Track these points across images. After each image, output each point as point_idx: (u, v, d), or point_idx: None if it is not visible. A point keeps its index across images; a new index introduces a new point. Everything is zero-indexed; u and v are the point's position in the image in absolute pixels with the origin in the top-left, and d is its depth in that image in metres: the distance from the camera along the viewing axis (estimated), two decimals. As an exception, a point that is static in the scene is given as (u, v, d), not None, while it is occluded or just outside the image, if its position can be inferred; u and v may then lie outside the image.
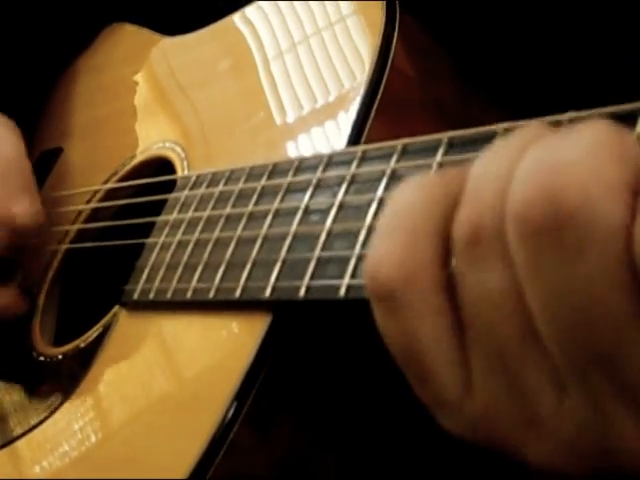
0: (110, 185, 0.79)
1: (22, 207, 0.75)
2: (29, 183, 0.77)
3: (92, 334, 0.68)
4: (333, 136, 0.60)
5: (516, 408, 0.35)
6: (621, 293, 0.31)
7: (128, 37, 0.95)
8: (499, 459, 0.40)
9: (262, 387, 0.52)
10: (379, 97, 0.58)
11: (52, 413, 0.67)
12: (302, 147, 0.62)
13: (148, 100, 0.84)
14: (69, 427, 0.65)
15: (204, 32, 0.80)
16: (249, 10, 0.75)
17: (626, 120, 0.38)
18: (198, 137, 0.73)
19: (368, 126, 0.57)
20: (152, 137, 0.79)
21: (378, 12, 0.61)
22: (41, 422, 0.67)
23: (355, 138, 0.57)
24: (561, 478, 0.37)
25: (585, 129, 0.32)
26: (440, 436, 0.53)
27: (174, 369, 0.59)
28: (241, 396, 0.52)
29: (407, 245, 0.36)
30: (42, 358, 0.73)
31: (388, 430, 0.55)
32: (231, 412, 0.52)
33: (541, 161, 0.32)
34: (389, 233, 0.36)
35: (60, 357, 0.71)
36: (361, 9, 0.64)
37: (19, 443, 0.68)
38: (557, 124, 0.41)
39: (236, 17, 0.76)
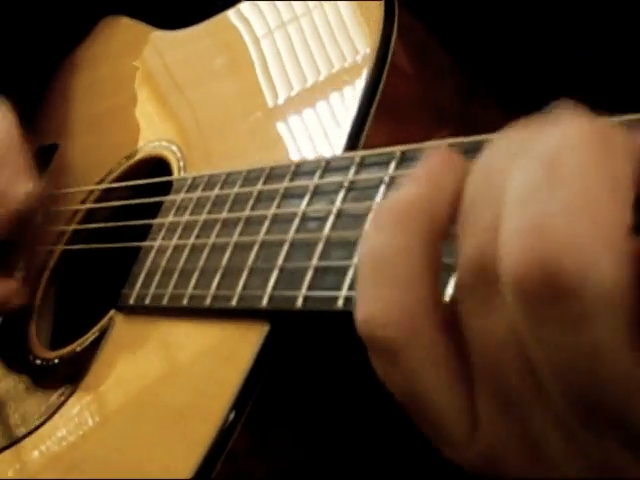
0: (106, 185, 0.78)
1: (24, 188, 0.74)
2: (29, 164, 0.76)
3: (88, 338, 0.67)
4: (332, 136, 0.58)
5: (523, 448, 0.34)
6: (629, 355, 0.29)
7: (124, 30, 0.94)
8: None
9: (260, 396, 0.52)
10: (378, 97, 0.57)
11: (49, 418, 0.66)
12: (300, 147, 0.61)
13: (144, 97, 0.83)
14: (66, 432, 0.64)
15: (200, 27, 0.79)
16: (244, 6, 0.74)
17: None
18: (195, 136, 0.72)
19: (367, 126, 0.56)
20: (148, 135, 0.78)
21: (377, 10, 0.60)
22: (38, 427, 0.67)
23: (354, 138, 0.56)
24: None
25: (566, 157, 0.29)
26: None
27: (171, 376, 0.58)
28: (239, 405, 0.51)
29: (397, 298, 0.33)
30: (38, 361, 0.73)
31: (386, 440, 0.54)
32: (229, 421, 0.51)
33: (527, 213, 0.29)
34: (373, 284, 0.34)
35: (56, 361, 0.70)
36: (359, 7, 0.63)
37: (17, 447, 0.68)
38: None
39: (232, 13, 0.75)
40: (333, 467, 0.54)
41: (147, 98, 0.83)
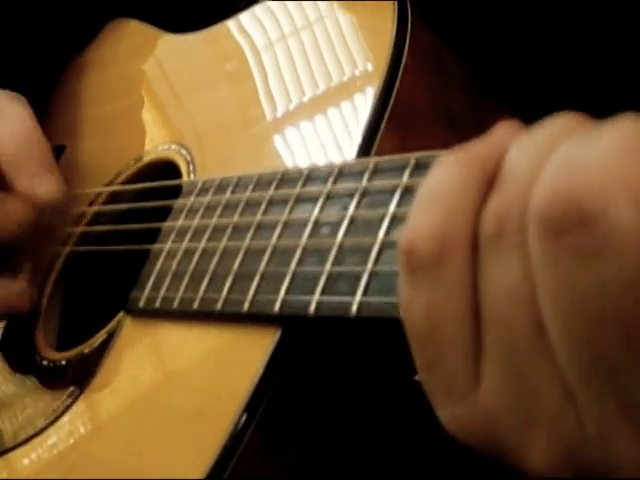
0: (114, 187, 0.78)
1: (47, 186, 0.73)
2: (52, 161, 0.75)
3: (96, 340, 0.67)
4: (344, 143, 0.59)
5: (520, 407, 0.35)
6: (635, 303, 0.30)
7: (132, 33, 0.94)
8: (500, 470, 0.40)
9: (270, 402, 0.52)
10: (391, 104, 0.57)
11: (57, 419, 0.66)
12: (311, 154, 0.61)
13: (153, 100, 0.83)
14: (74, 434, 0.64)
15: (210, 31, 0.79)
16: (258, 10, 0.74)
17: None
18: (204, 140, 0.72)
19: (379, 133, 0.56)
20: (157, 138, 0.78)
21: (389, 16, 0.60)
22: (45, 428, 0.67)
23: (366, 146, 0.56)
24: None
25: (614, 130, 0.32)
26: (448, 451, 0.53)
27: (181, 380, 0.58)
28: (250, 409, 0.51)
29: (444, 222, 0.36)
30: (45, 362, 0.73)
31: (396, 446, 0.54)
32: (240, 425, 0.51)
33: (566, 160, 0.32)
34: (427, 208, 0.37)
35: (64, 362, 0.70)
36: (371, 13, 0.63)
37: (24, 448, 0.68)
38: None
39: (245, 17, 0.75)
40: (342, 471, 0.55)
41: (156, 101, 0.83)
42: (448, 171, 0.38)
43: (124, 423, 0.61)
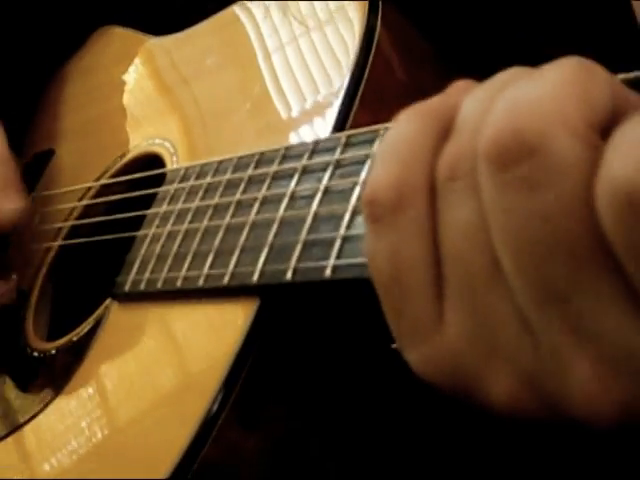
0: (102, 182, 0.80)
1: (13, 205, 0.75)
2: (18, 180, 0.78)
3: (85, 327, 0.69)
4: (319, 124, 0.61)
5: (481, 341, 0.37)
6: (578, 230, 0.32)
7: (117, 39, 0.96)
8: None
9: (251, 372, 0.53)
10: (363, 84, 0.59)
11: (45, 406, 0.68)
12: (289, 137, 0.63)
13: (137, 99, 0.85)
14: (62, 419, 0.65)
15: (190, 31, 0.82)
16: (235, 8, 0.76)
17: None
18: (187, 133, 0.74)
19: (352, 113, 0.58)
20: (142, 135, 0.80)
21: (362, 3, 0.62)
22: (34, 416, 0.68)
23: (340, 125, 0.58)
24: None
25: (554, 68, 0.34)
26: (429, 416, 0.54)
27: (166, 356, 0.60)
28: (229, 383, 0.53)
29: (402, 171, 0.38)
30: (36, 353, 0.74)
31: (377, 414, 0.56)
32: (219, 399, 0.52)
33: (510, 100, 0.34)
34: (386, 160, 0.39)
35: (53, 352, 0.72)
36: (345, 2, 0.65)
37: (13, 437, 0.69)
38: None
39: (222, 14, 0.78)
40: (326, 441, 0.56)
41: (140, 99, 0.85)
42: (405, 124, 0.40)
43: (111, 406, 0.62)
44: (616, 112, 0.33)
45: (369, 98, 0.59)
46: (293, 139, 0.62)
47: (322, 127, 0.60)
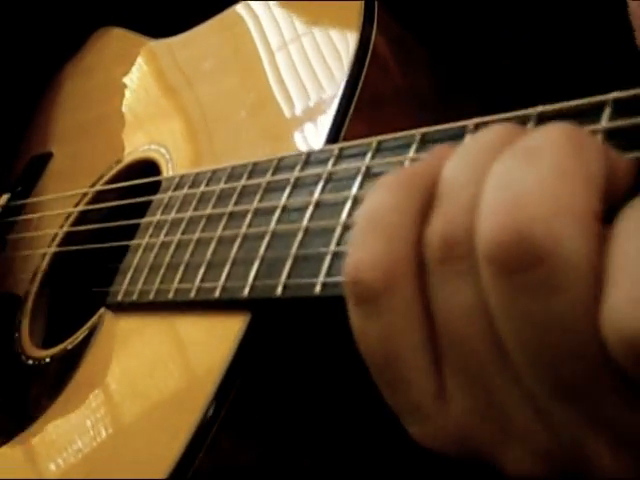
0: (97, 188, 0.79)
1: None
2: None
3: (79, 336, 0.69)
4: (313, 132, 0.60)
5: (491, 420, 0.35)
6: (592, 332, 0.30)
7: (116, 41, 0.96)
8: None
9: (242, 385, 0.53)
10: (358, 91, 0.58)
11: (40, 415, 0.67)
12: (283, 145, 0.62)
13: (134, 103, 0.85)
14: (56, 428, 0.65)
15: (189, 34, 0.81)
16: (233, 10, 0.75)
17: (590, 114, 0.39)
18: (183, 138, 0.73)
19: (348, 120, 0.58)
20: (138, 140, 0.79)
21: (356, 6, 0.62)
22: (30, 424, 0.67)
23: (335, 133, 0.57)
24: None
25: (548, 145, 0.32)
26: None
27: (158, 369, 0.59)
28: (221, 394, 0.52)
29: (387, 248, 0.36)
30: (30, 361, 0.74)
31: (368, 429, 0.55)
32: (211, 411, 0.52)
33: (505, 187, 0.32)
34: (368, 235, 0.36)
35: (48, 360, 0.71)
36: (341, 6, 0.64)
37: (8, 445, 0.69)
38: (525, 119, 0.41)
39: (220, 18, 0.77)
40: (318, 452, 0.55)
41: (137, 103, 0.84)
42: (385, 194, 0.37)
43: (104, 415, 0.62)
44: (609, 181, 0.32)
45: (365, 105, 0.58)
46: (289, 146, 0.61)
47: (317, 135, 0.59)
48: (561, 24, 0.60)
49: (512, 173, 0.32)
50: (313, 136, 0.59)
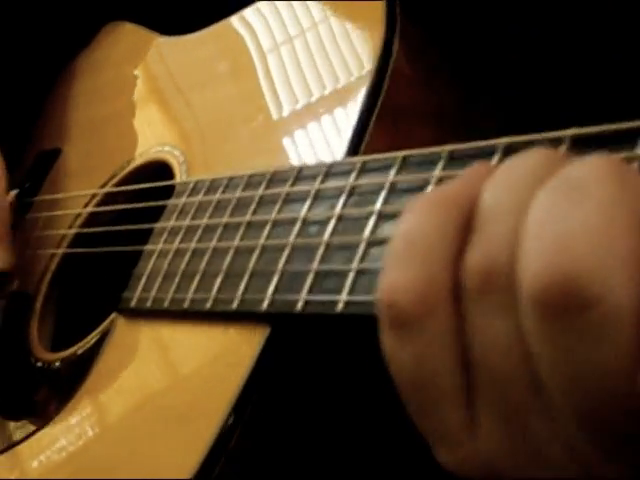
0: (108, 189, 0.78)
1: None
2: (4, 231, 0.77)
3: (90, 341, 0.68)
4: (333, 141, 0.59)
5: (521, 452, 0.35)
6: (634, 384, 0.30)
7: (127, 36, 0.95)
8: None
9: (259, 400, 0.52)
10: (380, 102, 0.57)
11: (50, 420, 0.66)
12: (302, 153, 0.61)
13: (146, 101, 0.84)
14: (67, 434, 0.64)
15: (203, 33, 0.80)
16: (248, 12, 0.74)
17: (627, 139, 0.38)
18: (197, 141, 0.72)
19: (369, 131, 0.57)
20: (150, 140, 0.78)
21: (378, 15, 0.61)
22: (39, 429, 0.67)
23: (355, 143, 0.57)
24: None
25: (595, 185, 0.31)
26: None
27: (172, 379, 0.59)
28: (239, 407, 0.52)
29: (424, 273, 0.35)
30: (40, 364, 0.73)
31: (387, 443, 0.55)
32: (229, 423, 0.51)
33: (550, 228, 0.31)
34: (404, 258, 0.36)
35: (58, 364, 0.71)
36: (360, 12, 0.63)
37: (17, 449, 0.68)
38: (558, 142, 0.41)
39: (236, 18, 0.76)
40: (333, 468, 0.55)
41: (149, 102, 0.83)
42: (422, 216, 0.37)
43: (118, 422, 0.61)
44: None
45: (386, 117, 0.57)
46: (306, 155, 0.60)
47: (337, 144, 0.58)
48: (590, 41, 0.59)
49: (557, 210, 0.31)
50: (334, 144, 0.58)
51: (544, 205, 0.32)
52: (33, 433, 0.67)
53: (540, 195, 0.33)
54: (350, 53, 0.62)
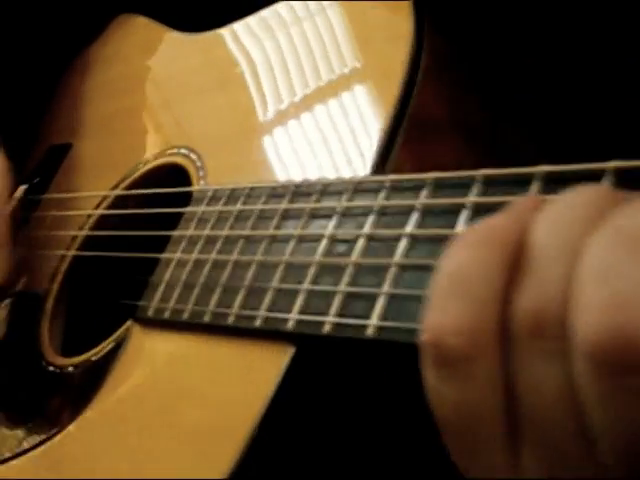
0: (120, 192, 0.77)
1: None
2: (4, 239, 0.76)
3: (104, 348, 0.67)
4: (357, 154, 0.58)
5: None
6: None
7: (139, 29, 0.93)
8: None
9: (283, 420, 0.51)
10: (407, 116, 0.56)
11: (63, 428, 0.66)
12: (324, 164, 0.60)
13: (160, 100, 0.82)
14: (81, 444, 0.64)
15: (220, 32, 0.78)
16: (268, 13, 0.73)
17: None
18: (216, 145, 0.71)
19: (396, 145, 0.56)
20: (164, 141, 0.77)
21: (405, 25, 0.59)
22: (51, 437, 0.66)
23: (382, 159, 0.56)
24: None
25: None
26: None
27: (191, 393, 0.58)
28: (263, 428, 0.51)
29: (472, 314, 0.34)
30: (52, 368, 0.72)
31: (411, 465, 0.54)
32: (252, 445, 0.51)
33: (607, 283, 0.30)
34: (450, 296, 0.35)
35: (71, 369, 0.70)
36: (388, 23, 0.62)
37: (30, 455, 0.67)
38: (600, 173, 0.40)
39: (253, 19, 0.74)
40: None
41: (162, 100, 0.82)
42: (469, 252, 0.36)
43: (133, 434, 0.60)
44: None
45: (413, 131, 0.56)
46: (328, 168, 0.59)
47: (361, 158, 0.57)
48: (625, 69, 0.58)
49: (614, 264, 0.31)
50: (357, 158, 0.57)
51: (599, 258, 0.31)
52: (46, 440, 0.66)
53: (594, 241, 0.32)
54: (375, 63, 0.61)
